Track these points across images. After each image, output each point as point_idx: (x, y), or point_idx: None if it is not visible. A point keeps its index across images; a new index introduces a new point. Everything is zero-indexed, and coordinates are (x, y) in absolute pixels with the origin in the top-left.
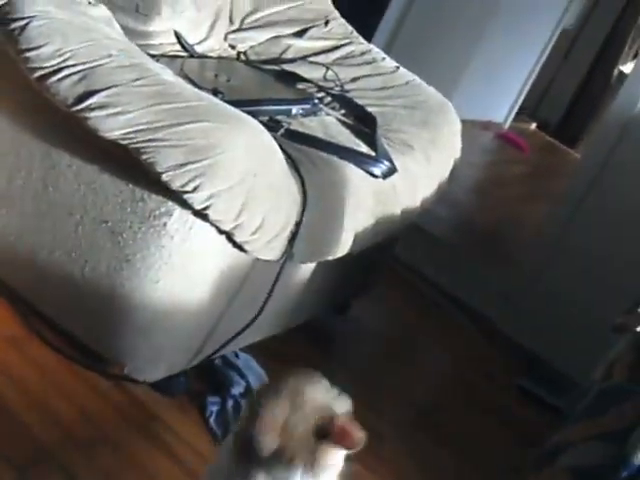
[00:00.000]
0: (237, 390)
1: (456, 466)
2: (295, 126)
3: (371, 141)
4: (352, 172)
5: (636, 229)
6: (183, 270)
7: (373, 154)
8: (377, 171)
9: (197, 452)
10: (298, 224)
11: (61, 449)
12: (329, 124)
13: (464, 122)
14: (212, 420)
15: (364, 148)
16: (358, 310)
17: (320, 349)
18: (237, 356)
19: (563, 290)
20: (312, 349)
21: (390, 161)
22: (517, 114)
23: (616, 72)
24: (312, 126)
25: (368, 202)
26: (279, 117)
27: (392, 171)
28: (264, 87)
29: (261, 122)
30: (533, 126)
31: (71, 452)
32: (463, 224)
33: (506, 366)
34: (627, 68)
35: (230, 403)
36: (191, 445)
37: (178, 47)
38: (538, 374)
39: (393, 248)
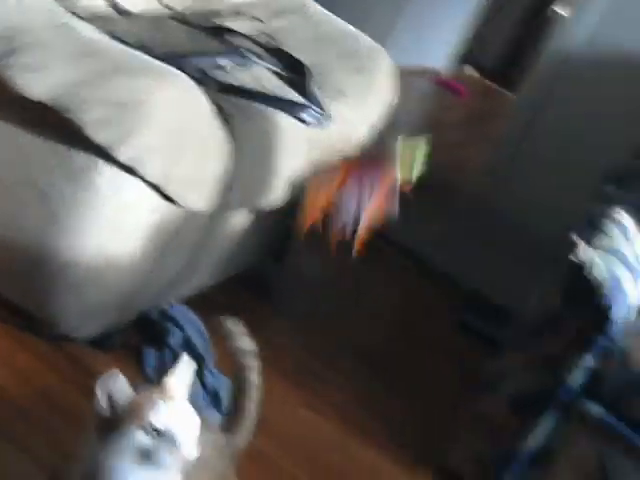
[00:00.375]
0: (174, 341)
1: (400, 403)
2: (225, 78)
3: (303, 89)
4: (284, 120)
5: (570, 168)
6: (113, 226)
7: (305, 102)
8: (309, 118)
9: None
10: (229, 174)
11: (0, 412)
12: (260, 75)
13: (401, 69)
14: (150, 371)
15: (296, 97)
16: (296, 257)
17: (258, 298)
18: (173, 307)
19: (499, 229)
20: (250, 298)
21: (322, 108)
22: (455, 59)
23: (550, 12)
24: (243, 78)
25: (301, 149)
26: (209, 70)
27: (325, 117)
28: (194, 42)
29: (190, 75)
30: (471, 71)
31: (10, 414)
32: None
33: (447, 303)
34: (561, 8)
35: (168, 354)
36: None
37: (110, 9)
38: (478, 309)
39: None
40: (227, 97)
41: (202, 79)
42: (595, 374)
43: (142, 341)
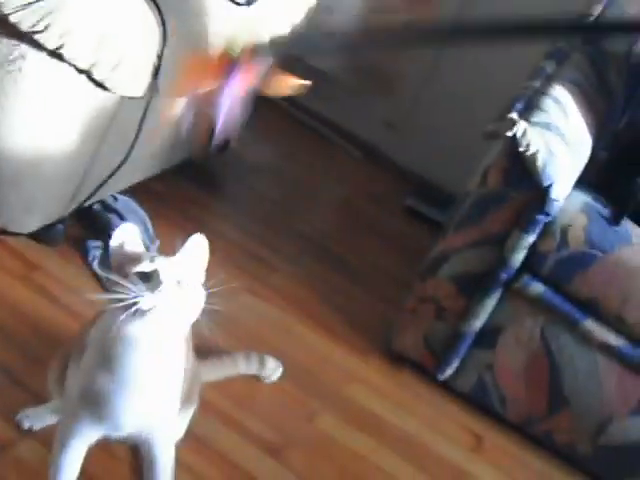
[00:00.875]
0: None
1: (347, 287)
2: None
3: None
4: (215, 1)
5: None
6: (46, 115)
7: None
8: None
9: (83, 296)
10: (159, 57)
11: None
12: None
13: None
14: (95, 264)
15: None
16: (239, 147)
17: (202, 188)
18: (116, 199)
19: (441, 110)
20: (194, 188)
21: None
22: None
23: None
24: None
25: (232, 29)
26: None
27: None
28: None
29: None
30: None
31: None
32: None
33: (393, 190)
34: None
35: None
36: (76, 290)
37: None
38: (423, 194)
39: None
40: None
41: None
42: (536, 252)
43: (85, 234)
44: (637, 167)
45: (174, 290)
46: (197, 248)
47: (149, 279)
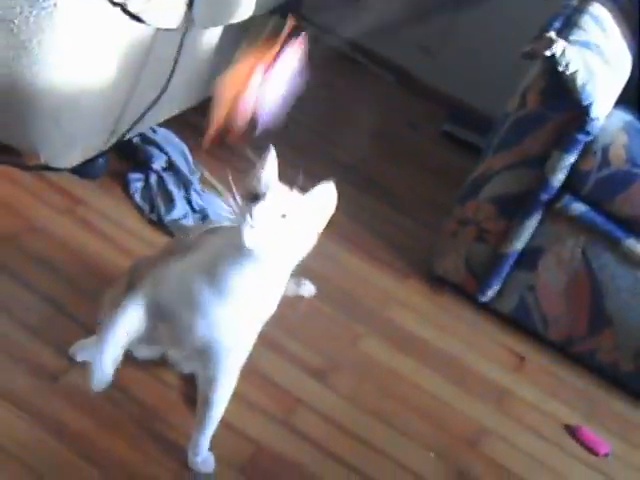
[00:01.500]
0: (158, 165)
1: (387, 212)
2: None
3: None
4: None
5: None
6: (83, 50)
7: None
8: None
9: (126, 229)
10: None
11: None
12: None
13: None
14: (137, 196)
15: None
16: None
17: None
18: (155, 132)
19: (478, 32)
20: None
21: None
22: None
23: None
24: None
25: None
26: None
27: None
28: None
29: None
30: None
31: (4, 249)
32: None
33: (429, 115)
34: None
35: (153, 177)
36: (119, 223)
37: None
38: (461, 119)
39: (300, 6)
40: None
41: None
42: (576, 172)
43: (126, 167)
44: None
45: (270, 216)
46: (323, 195)
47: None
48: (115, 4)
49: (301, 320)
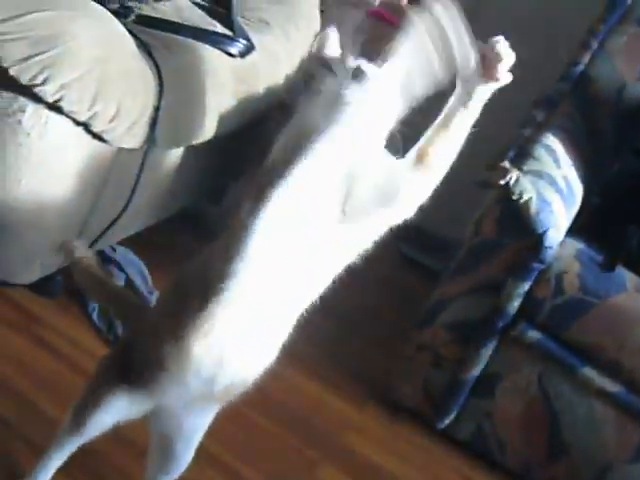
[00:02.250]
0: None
1: (343, 335)
2: (147, 11)
3: (227, 21)
4: (209, 53)
5: (498, 90)
6: (45, 167)
7: (229, 33)
8: (234, 50)
9: (83, 348)
10: (157, 109)
11: None
12: (183, 7)
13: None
14: (95, 315)
15: (220, 28)
16: (234, 196)
17: (199, 238)
18: (114, 250)
19: None
20: (190, 238)
21: (247, 39)
22: None
23: None
24: (165, 10)
25: (228, 82)
26: (130, 3)
27: (250, 49)
28: None
29: (110, 10)
30: (406, 0)
31: None
32: None
33: (388, 236)
34: None
35: None
36: (76, 342)
37: None
38: (419, 241)
39: (264, 130)
40: (150, 30)
41: (120, 12)
42: (531, 299)
43: None
44: (629, 214)
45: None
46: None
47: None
48: (79, 123)
49: (256, 445)
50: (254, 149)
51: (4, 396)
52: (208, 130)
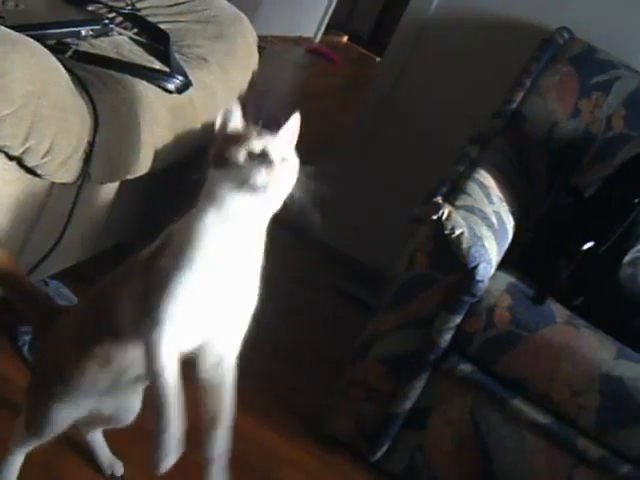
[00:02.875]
0: None
1: (277, 369)
2: (84, 47)
3: (164, 57)
4: (145, 89)
5: (433, 126)
6: None
7: (166, 70)
8: (171, 86)
9: (12, 382)
10: (91, 144)
11: None
12: (121, 43)
13: (274, 38)
14: (25, 349)
15: (157, 65)
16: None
17: None
18: (47, 284)
19: (370, 192)
20: None
21: (185, 75)
22: (328, 28)
23: None
24: (103, 46)
25: (165, 117)
26: (68, 40)
27: (187, 85)
28: (53, 10)
29: (48, 46)
30: (345, 39)
31: None
32: None
33: (323, 271)
34: None
35: None
36: (5, 376)
37: None
38: (353, 274)
39: (200, 165)
40: (86, 66)
41: (57, 47)
42: (463, 332)
43: (15, 319)
44: (559, 248)
45: (281, 166)
46: (294, 125)
47: (258, 157)
48: (12, 158)
49: None
50: (188, 186)
51: None
52: (143, 165)
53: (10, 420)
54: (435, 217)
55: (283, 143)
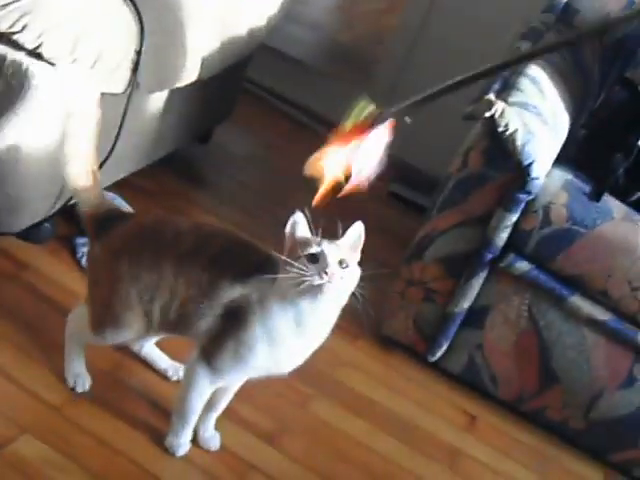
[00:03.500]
0: None
1: None
2: None
3: None
4: None
5: (484, 30)
6: (28, 116)
7: None
8: None
9: (73, 293)
10: (138, 53)
11: None
12: None
13: None
14: (84, 260)
15: None
16: (221, 137)
17: (188, 180)
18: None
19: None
20: (179, 181)
21: None
22: None
23: None
24: None
25: (211, 23)
26: None
27: None
28: None
29: None
30: None
31: None
32: (322, 44)
33: (376, 175)
34: None
35: None
36: (66, 288)
37: None
38: (406, 178)
39: (244, 71)
40: None
41: None
42: (519, 231)
43: (73, 231)
44: (615, 144)
45: (338, 269)
46: (356, 233)
47: (317, 260)
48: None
49: (250, 383)
50: (238, 90)
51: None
52: (191, 72)
53: None
54: (488, 114)
55: (342, 249)
